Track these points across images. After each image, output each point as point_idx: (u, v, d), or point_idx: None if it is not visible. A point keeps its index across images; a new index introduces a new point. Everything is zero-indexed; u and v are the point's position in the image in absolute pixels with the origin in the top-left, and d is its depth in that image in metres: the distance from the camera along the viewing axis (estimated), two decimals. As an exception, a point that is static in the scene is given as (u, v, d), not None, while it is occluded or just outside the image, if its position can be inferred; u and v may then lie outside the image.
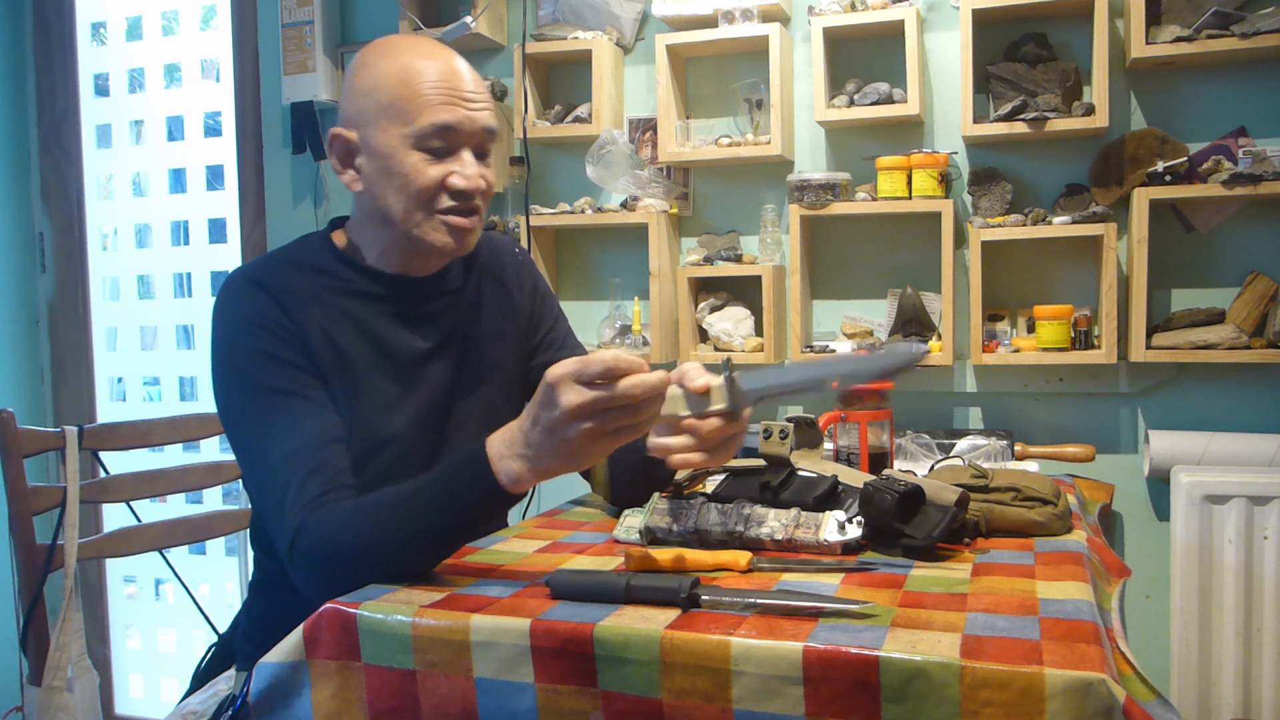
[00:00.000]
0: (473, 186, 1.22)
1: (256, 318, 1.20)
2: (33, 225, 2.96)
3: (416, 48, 1.23)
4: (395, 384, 1.27)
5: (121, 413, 2.96)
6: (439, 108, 1.19)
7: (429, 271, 1.32)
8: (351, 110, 1.23)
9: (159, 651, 2.98)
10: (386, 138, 1.19)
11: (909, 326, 2.11)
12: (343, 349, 1.23)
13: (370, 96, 1.21)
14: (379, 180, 1.22)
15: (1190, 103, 2.00)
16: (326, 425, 1.18)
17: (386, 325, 1.28)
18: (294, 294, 1.22)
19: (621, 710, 0.90)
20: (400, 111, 1.19)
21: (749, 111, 2.21)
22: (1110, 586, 1.18)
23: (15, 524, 1.60)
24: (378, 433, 1.24)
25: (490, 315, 1.38)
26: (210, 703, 1.36)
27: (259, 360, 1.18)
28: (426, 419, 1.29)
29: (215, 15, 2.88)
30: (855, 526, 1.17)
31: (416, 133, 1.18)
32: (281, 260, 1.27)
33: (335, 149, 1.25)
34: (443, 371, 1.31)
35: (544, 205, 2.37)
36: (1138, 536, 2.08)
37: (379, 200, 1.23)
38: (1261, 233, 1.98)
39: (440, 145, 1.20)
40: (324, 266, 1.27)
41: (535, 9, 2.43)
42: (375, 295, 1.28)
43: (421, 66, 1.20)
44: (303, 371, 1.20)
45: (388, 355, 1.27)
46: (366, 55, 1.24)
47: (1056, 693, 0.77)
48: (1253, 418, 1.98)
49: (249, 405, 1.18)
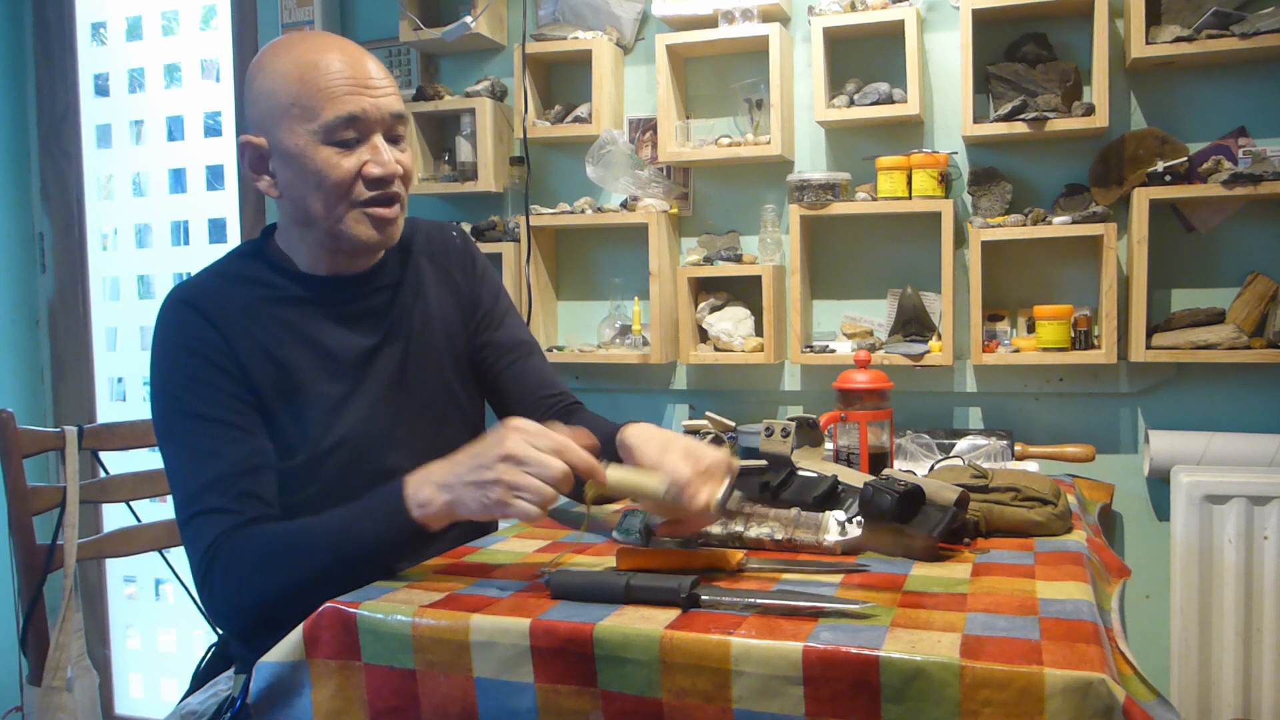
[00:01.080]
0: (388, 172, 1.21)
1: (189, 341, 1.20)
2: (33, 225, 2.96)
3: (310, 42, 1.21)
4: (340, 385, 1.26)
5: (121, 413, 2.96)
6: (342, 99, 1.17)
7: (361, 268, 1.31)
8: (255, 115, 1.22)
9: (159, 651, 2.98)
10: (294, 137, 1.18)
11: (909, 326, 2.11)
12: (280, 360, 1.23)
13: (271, 98, 1.19)
14: (295, 182, 1.21)
15: (1190, 103, 2.00)
16: (251, 452, 1.18)
17: (325, 328, 1.27)
18: (228, 310, 1.22)
19: (621, 710, 0.90)
20: (303, 109, 1.17)
21: (749, 111, 2.21)
22: (1110, 586, 1.18)
23: (15, 524, 1.60)
24: (327, 437, 1.24)
25: (434, 300, 1.37)
26: (210, 703, 1.36)
27: (189, 385, 1.19)
28: (375, 415, 1.28)
29: (215, 15, 2.88)
30: (855, 527, 1.17)
31: (323, 127, 1.17)
32: (215, 275, 1.27)
33: (246, 157, 1.24)
34: (389, 365, 1.31)
35: (544, 205, 2.37)
36: (1138, 536, 2.08)
37: (298, 203, 1.22)
38: (1261, 233, 1.98)
39: (350, 136, 1.19)
40: (256, 276, 1.27)
41: (535, 9, 2.43)
42: (311, 300, 1.27)
43: (318, 60, 1.18)
44: (233, 398, 1.19)
45: (330, 357, 1.26)
46: (262, 58, 1.23)
47: (1056, 693, 0.77)
48: (1253, 418, 1.98)
49: (175, 429, 1.19)
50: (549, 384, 1.43)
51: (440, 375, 1.36)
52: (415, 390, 1.33)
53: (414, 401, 1.32)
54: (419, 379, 1.33)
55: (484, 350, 1.42)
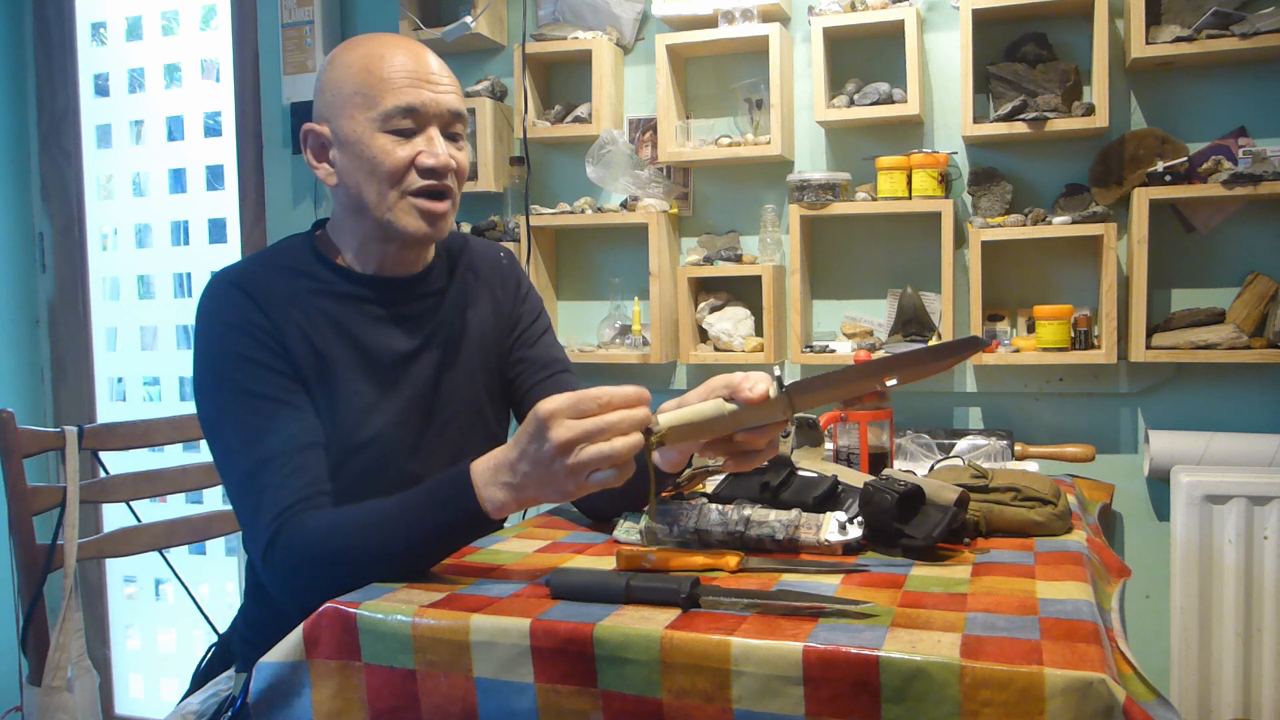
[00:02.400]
0: (441, 164, 1.22)
1: (237, 321, 1.20)
2: (33, 225, 2.96)
3: (381, 39, 1.25)
4: (375, 386, 1.27)
5: (121, 413, 2.96)
6: (403, 90, 1.20)
7: (408, 269, 1.32)
8: (321, 105, 1.25)
9: (159, 651, 2.98)
10: (354, 125, 1.21)
11: (909, 326, 2.11)
12: (322, 351, 1.23)
13: (338, 88, 1.23)
14: (351, 168, 1.23)
15: (1190, 103, 2.00)
16: (304, 430, 1.18)
17: (367, 327, 1.28)
18: (274, 296, 1.23)
19: (621, 710, 0.90)
20: (365, 97, 1.21)
21: (749, 111, 2.21)
22: (1110, 586, 1.18)
23: (15, 524, 1.60)
24: (357, 434, 1.24)
25: (475, 315, 1.38)
26: (210, 703, 1.36)
27: (238, 364, 1.19)
28: (406, 421, 1.29)
29: (215, 15, 2.88)
30: (855, 527, 1.17)
31: (382, 115, 1.20)
32: (263, 262, 1.28)
33: (309, 144, 1.27)
34: (425, 373, 1.31)
35: (544, 205, 2.37)
36: (1138, 536, 2.08)
37: (352, 189, 1.24)
38: (1261, 233, 1.98)
39: (408, 126, 1.21)
40: (305, 268, 1.28)
41: (535, 9, 2.43)
42: (356, 297, 1.28)
43: (384, 53, 1.22)
44: (282, 375, 1.20)
45: (368, 357, 1.27)
46: (335, 52, 1.27)
47: (1056, 693, 0.77)
48: (1253, 418, 1.98)
49: (227, 409, 1.19)
50: None
51: (472, 389, 1.36)
52: (446, 400, 1.33)
53: (444, 411, 1.33)
54: (451, 389, 1.34)
55: (518, 366, 1.42)
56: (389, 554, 1.06)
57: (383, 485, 1.22)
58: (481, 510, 1.03)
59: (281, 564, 1.10)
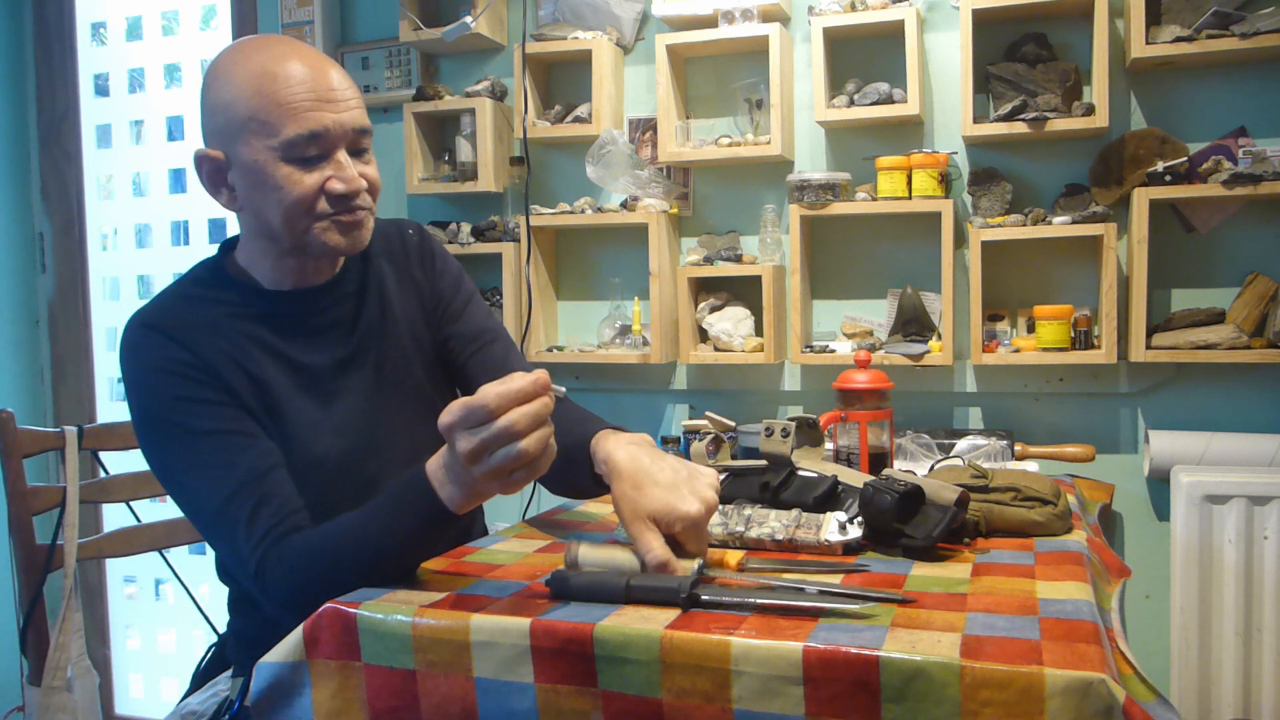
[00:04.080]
0: (353, 188, 1.16)
1: (163, 364, 1.15)
2: (33, 225, 2.96)
3: (270, 50, 1.16)
4: (316, 400, 1.24)
5: (121, 413, 2.95)
6: (303, 115, 1.12)
7: (324, 276, 1.28)
8: (212, 127, 1.17)
9: (159, 651, 2.98)
10: (253, 152, 1.13)
11: (909, 326, 2.11)
12: (256, 375, 1.20)
13: (228, 111, 1.14)
14: (255, 197, 1.16)
15: (1190, 103, 2.00)
16: (261, 454, 1.15)
17: (294, 343, 1.24)
18: (194, 329, 1.18)
19: (621, 710, 0.90)
20: (262, 124, 1.12)
21: (749, 111, 2.20)
22: (1110, 586, 1.18)
23: (15, 524, 1.60)
24: (310, 451, 1.22)
25: (397, 302, 1.34)
26: (210, 703, 1.36)
27: (177, 406, 1.14)
28: (355, 427, 1.26)
29: (215, 15, 2.88)
30: (855, 527, 1.17)
31: (283, 144, 1.12)
32: (175, 296, 1.23)
33: (204, 171, 1.19)
34: (362, 374, 1.28)
35: (544, 205, 2.37)
36: (1138, 536, 2.08)
37: (259, 217, 1.18)
38: (1261, 233, 1.98)
39: (312, 153, 1.14)
40: (217, 295, 1.23)
41: (535, 9, 2.43)
42: (273, 315, 1.24)
43: (277, 70, 1.13)
44: (225, 406, 1.16)
45: (303, 372, 1.23)
46: (218, 66, 1.17)
47: (1056, 693, 0.77)
48: (1253, 418, 1.98)
49: (179, 454, 1.15)
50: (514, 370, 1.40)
51: (412, 377, 1.34)
52: (390, 396, 1.31)
53: (390, 407, 1.30)
54: (392, 384, 1.31)
55: (449, 343, 1.38)
56: (374, 562, 1.06)
57: (347, 492, 1.21)
58: (446, 510, 1.03)
59: (275, 592, 1.09)
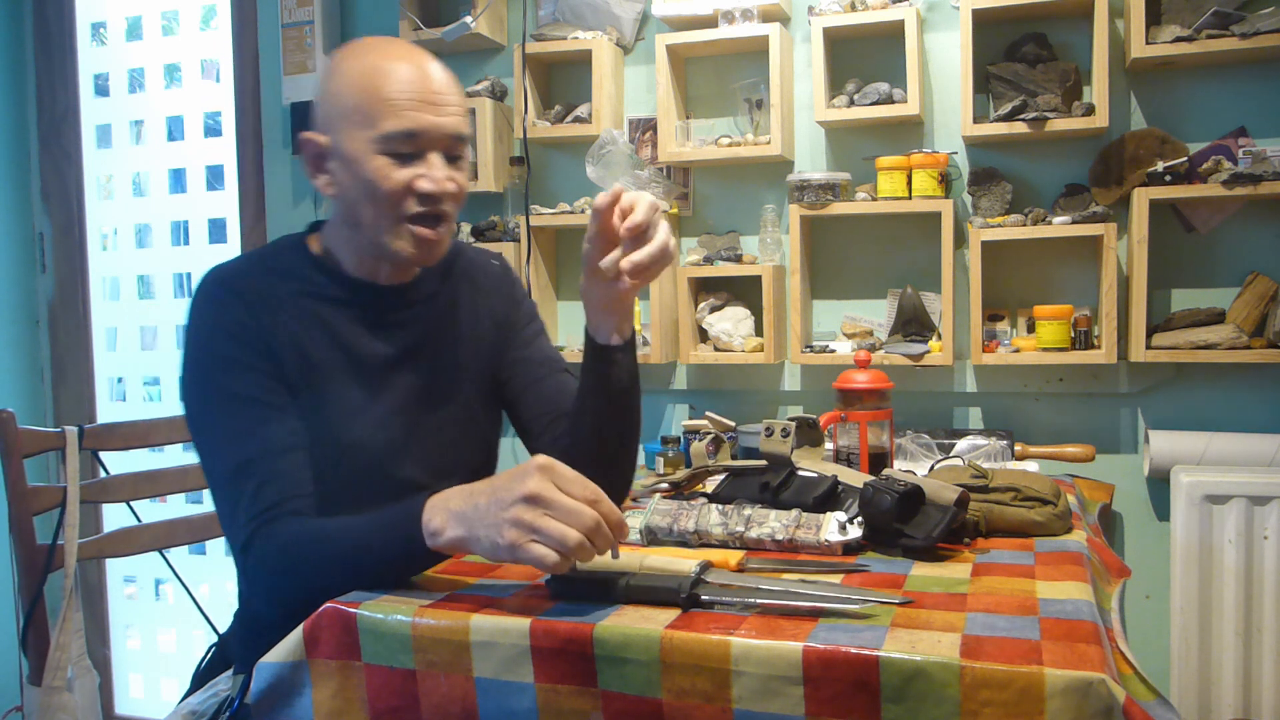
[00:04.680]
0: (439, 190, 1.20)
1: (226, 322, 1.20)
2: (33, 225, 2.96)
3: (386, 49, 1.21)
4: (361, 390, 1.26)
5: (121, 413, 2.96)
6: (404, 113, 1.17)
7: (400, 280, 1.32)
8: (322, 114, 1.23)
9: (159, 651, 2.98)
10: (352, 141, 1.19)
11: (909, 326, 2.11)
12: (309, 355, 1.23)
13: (336, 100, 1.20)
14: (348, 184, 1.21)
15: (1190, 103, 2.00)
16: (286, 433, 1.18)
17: (354, 332, 1.27)
18: (265, 298, 1.22)
19: (621, 710, 0.90)
20: (365, 115, 1.18)
21: (749, 111, 2.20)
22: (1110, 586, 1.18)
23: (15, 524, 1.60)
24: (343, 437, 1.24)
25: (466, 322, 1.38)
26: (210, 703, 1.36)
27: (224, 366, 1.19)
28: (393, 424, 1.28)
29: (215, 15, 2.88)
30: (855, 527, 1.17)
31: (381, 137, 1.17)
32: (255, 262, 1.27)
33: (307, 154, 1.24)
34: (411, 379, 1.31)
35: (544, 205, 2.37)
36: (1138, 536, 2.08)
37: (350, 205, 1.22)
38: (1261, 233, 1.98)
39: (406, 150, 1.19)
40: (296, 271, 1.27)
41: (535, 9, 2.43)
42: (345, 301, 1.28)
43: (388, 68, 1.18)
44: (267, 378, 1.20)
45: (355, 361, 1.27)
46: (337, 58, 1.23)
47: (1056, 693, 0.77)
48: (1253, 418, 1.98)
49: (211, 409, 1.19)
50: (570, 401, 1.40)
51: (461, 395, 1.36)
52: (435, 406, 1.33)
53: (432, 417, 1.32)
54: (440, 395, 1.34)
55: (514, 367, 1.42)
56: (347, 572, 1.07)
57: (372, 488, 1.23)
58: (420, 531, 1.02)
59: (255, 568, 1.12)
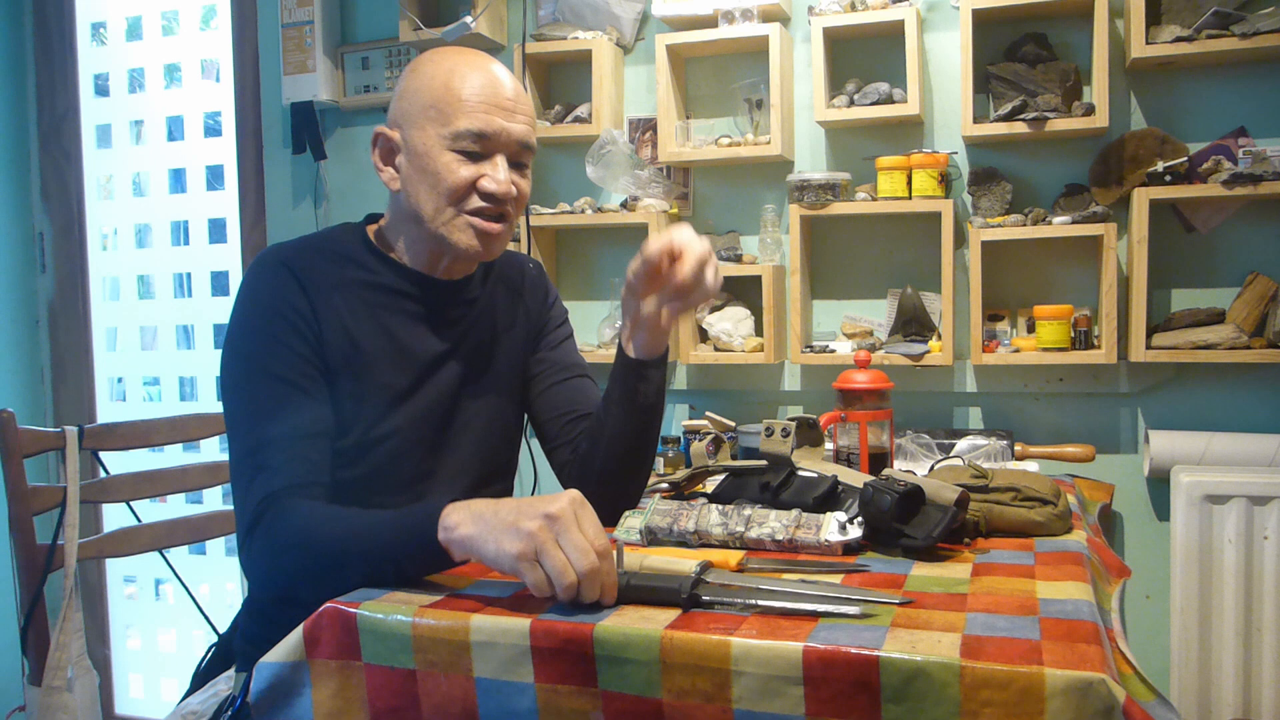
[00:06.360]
0: (502, 191, 1.25)
1: (276, 301, 1.23)
2: (33, 225, 2.96)
3: (466, 55, 1.28)
4: (404, 380, 1.29)
5: (121, 413, 2.96)
6: (476, 113, 1.23)
7: (454, 276, 1.35)
8: (397, 110, 1.28)
9: (159, 651, 2.98)
10: (424, 137, 1.24)
11: (909, 326, 2.11)
12: (357, 340, 1.26)
13: (415, 97, 1.25)
14: (414, 178, 1.25)
15: (1190, 103, 2.00)
16: (313, 418, 1.20)
17: (405, 323, 1.30)
18: (319, 280, 1.25)
19: (621, 710, 0.90)
20: (439, 113, 1.23)
21: (749, 111, 2.20)
22: (1110, 586, 1.18)
23: (15, 524, 1.60)
24: (378, 427, 1.26)
25: (502, 322, 1.41)
26: (210, 703, 1.36)
27: (267, 343, 1.21)
28: (428, 418, 1.31)
29: (215, 15, 2.88)
30: (855, 527, 1.17)
31: (452, 134, 1.23)
32: (314, 244, 1.31)
33: (378, 147, 1.29)
34: (453, 374, 1.33)
35: (544, 205, 2.37)
36: (1138, 536, 2.08)
37: (412, 198, 1.26)
38: (1261, 233, 1.98)
39: (475, 149, 1.24)
40: (354, 256, 1.31)
41: (535, 9, 2.43)
42: (399, 292, 1.31)
43: (467, 72, 1.24)
44: (306, 361, 1.22)
45: (402, 352, 1.29)
46: (419, 59, 1.29)
47: (1056, 693, 0.77)
48: (1253, 418, 1.98)
49: (245, 383, 1.21)
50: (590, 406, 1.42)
51: (495, 394, 1.39)
52: (469, 403, 1.35)
53: (465, 413, 1.35)
54: (475, 394, 1.36)
55: (538, 365, 1.45)
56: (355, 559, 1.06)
57: (399, 479, 1.27)
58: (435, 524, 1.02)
59: (259, 547, 1.13)
